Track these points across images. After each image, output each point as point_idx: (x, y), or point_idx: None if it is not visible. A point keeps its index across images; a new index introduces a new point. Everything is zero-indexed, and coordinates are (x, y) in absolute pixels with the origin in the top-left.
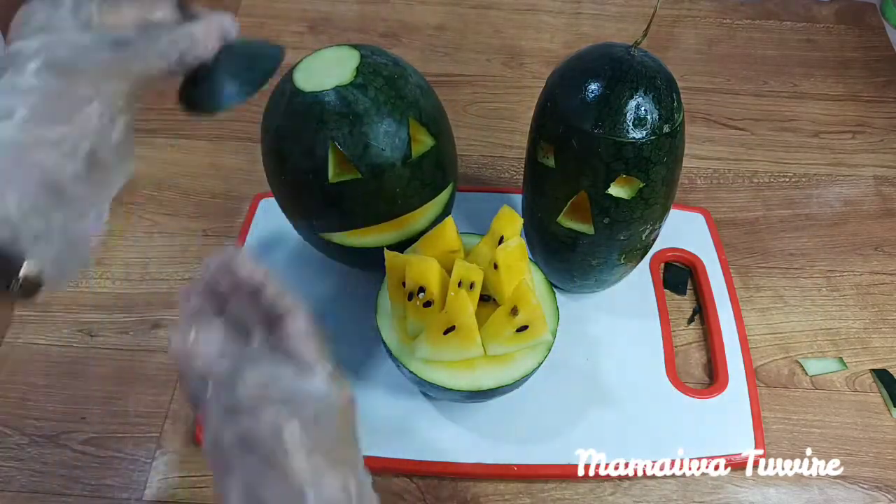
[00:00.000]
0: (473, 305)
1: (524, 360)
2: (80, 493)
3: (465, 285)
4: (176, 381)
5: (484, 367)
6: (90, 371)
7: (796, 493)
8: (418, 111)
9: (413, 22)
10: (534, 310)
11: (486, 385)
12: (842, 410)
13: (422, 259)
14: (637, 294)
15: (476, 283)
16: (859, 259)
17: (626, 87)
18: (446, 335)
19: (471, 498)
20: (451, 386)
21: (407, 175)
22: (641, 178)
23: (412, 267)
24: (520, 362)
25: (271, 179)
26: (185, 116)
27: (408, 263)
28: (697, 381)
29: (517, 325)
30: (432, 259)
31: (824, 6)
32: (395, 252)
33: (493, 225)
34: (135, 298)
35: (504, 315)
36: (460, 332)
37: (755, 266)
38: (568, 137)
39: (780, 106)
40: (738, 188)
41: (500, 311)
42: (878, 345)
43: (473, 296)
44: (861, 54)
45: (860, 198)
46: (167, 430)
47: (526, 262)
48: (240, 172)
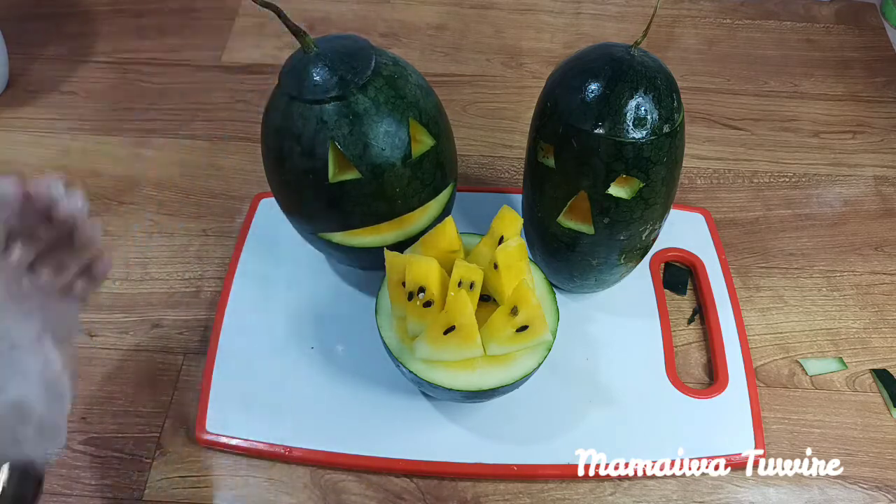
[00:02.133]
0: (473, 305)
1: (524, 360)
2: (80, 493)
3: (465, 285)
4: (176, 381)
5: (484, 368)
6: (90, 371)
7: (796, 493)
8: (418, 111)
9: (413, 22)
10: (534, 310)
11: (486, 385)
12: (842, 410)
13: (422, 259)
14: (637, 294)
15: (476, 283)
16: (859, 259)
17: (626, 87)
18: (446, 335)
19: (471, 498)
20: (450, 386)
21: (407, 175)
22: (641, 178)
23: (412, 267)
24: (520, 362)
25: (271, 179)
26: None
27: (408, 263)
28: (697, 381)
29: (517, 325)
30: (432, 259)
31: (824, 6)
32: (395, 252)
33: (494, 225)
34: (135, 298)
35: (504, 315)
36: (460, 332)
37: (755, 266)
38: (568, 137)
39: (780, 106)
40: (738, 188)
41: (500, 312)
42: (878, 345)
43: (473, 296)
44: (861, 54)
45: (860, 198)
46: (167, 430)
47: (526, 262)
48: (240, 172)
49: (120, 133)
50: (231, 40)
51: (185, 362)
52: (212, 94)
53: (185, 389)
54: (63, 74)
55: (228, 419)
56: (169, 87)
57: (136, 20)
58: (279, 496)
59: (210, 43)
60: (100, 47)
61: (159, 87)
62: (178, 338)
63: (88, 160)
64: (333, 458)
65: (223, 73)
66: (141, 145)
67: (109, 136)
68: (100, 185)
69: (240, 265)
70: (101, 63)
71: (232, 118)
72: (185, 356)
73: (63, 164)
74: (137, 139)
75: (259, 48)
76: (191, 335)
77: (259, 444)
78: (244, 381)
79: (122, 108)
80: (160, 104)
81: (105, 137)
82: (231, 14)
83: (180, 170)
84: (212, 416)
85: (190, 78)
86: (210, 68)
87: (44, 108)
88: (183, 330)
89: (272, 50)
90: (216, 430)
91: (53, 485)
